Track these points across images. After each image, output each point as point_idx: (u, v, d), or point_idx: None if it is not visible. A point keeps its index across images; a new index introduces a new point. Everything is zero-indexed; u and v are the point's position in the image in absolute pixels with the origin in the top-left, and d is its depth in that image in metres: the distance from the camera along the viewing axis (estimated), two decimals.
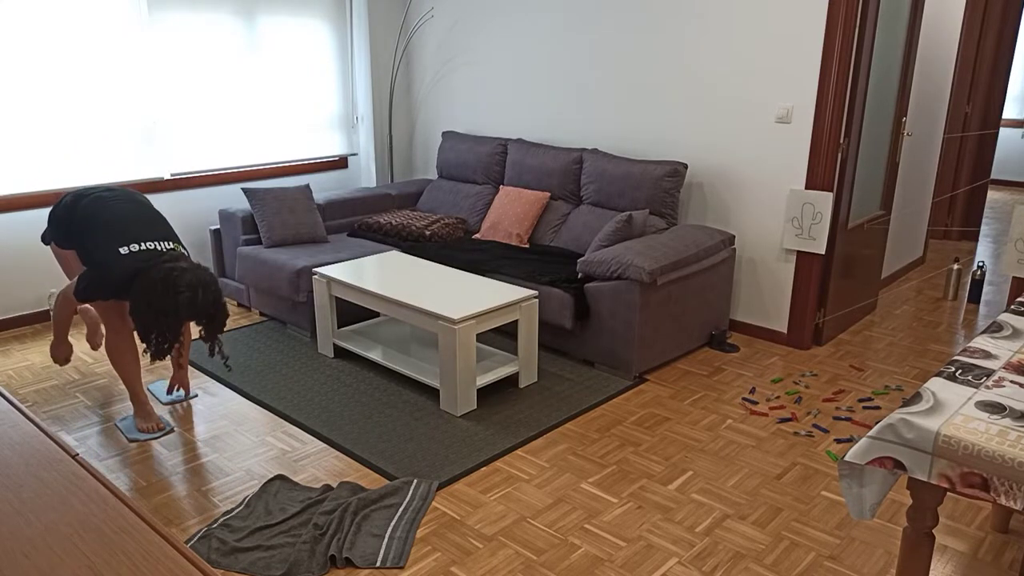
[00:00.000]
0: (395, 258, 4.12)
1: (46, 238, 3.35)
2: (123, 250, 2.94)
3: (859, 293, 4.56)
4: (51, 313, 3.29)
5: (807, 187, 3.97)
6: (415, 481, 2.85)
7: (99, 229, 3.01)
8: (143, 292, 2.85)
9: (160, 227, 3.11)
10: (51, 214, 3.23)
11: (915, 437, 1.72)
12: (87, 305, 3.48)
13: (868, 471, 1.85)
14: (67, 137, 4.33)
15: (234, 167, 5.10)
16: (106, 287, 2.94)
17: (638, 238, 3.96)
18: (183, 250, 3.13)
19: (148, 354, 2.91)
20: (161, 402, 3.50)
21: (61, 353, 3.45)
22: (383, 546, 2.49)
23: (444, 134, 5.39)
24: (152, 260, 2.94)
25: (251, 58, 5.02)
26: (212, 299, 2.91)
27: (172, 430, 3.23)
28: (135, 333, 3.01)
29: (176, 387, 3.48)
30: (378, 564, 2.42)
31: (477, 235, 4.79)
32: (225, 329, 3.09)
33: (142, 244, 2.99)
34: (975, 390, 1.86)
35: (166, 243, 3.06)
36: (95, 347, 3.83)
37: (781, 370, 3.91)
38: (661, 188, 4.21)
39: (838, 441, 3.22)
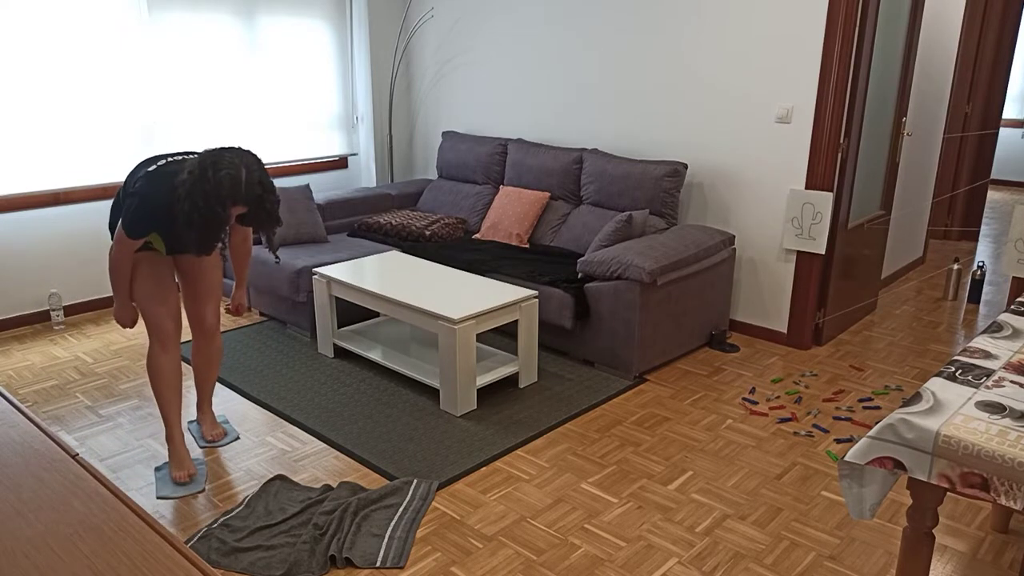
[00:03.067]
0: (395, 258, 4.12)
1: (112, 228, 2.87)
2: (151, 167, 2.65)
3: (859, 293, 4.56)
4: (109, 274, 2.79)
5: (807, 187, 3.97)
6: (415, 481, 2.85)
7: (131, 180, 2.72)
8: (180, 183, 2.49)
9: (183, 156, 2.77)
10: (114, 203, 2.85)
11: (915, 437, 1.72)
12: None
13: (868, 471, 1.85)
14: (67, 137, 4.33)
15: None
16: (150, 209, 2.58)
17: (638, 238, 3.96)
18: None
19: (192, 248, 2.57)
20: (199, 444, 3.15)
21: (128, 315, 2.91)
22: (383, 546, 2.49)
23: (444, 134, 5.39)
24: (185, 161, 2.61)
25: (251, 58, 5.02)
26: (258, 177, 2.53)
27: (204, 489, 2.84)
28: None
29: (210, 437, 3.16)
30: (378, 564, 2.42)
31: (477, 235, 4.79)
32: (278, 221, 2.65)
33: (167, 158, 2.70)
34: (975, 390, 1.86)
35: (192, 154, 2.72)
36: (125, 324, 2.95)
37: (781, 370, 3.91)
38: (661, 188, 4.21)
39: (838, 441, 3.22)
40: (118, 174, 4.57)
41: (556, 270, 4.00)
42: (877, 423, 1.79)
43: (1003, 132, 8.91)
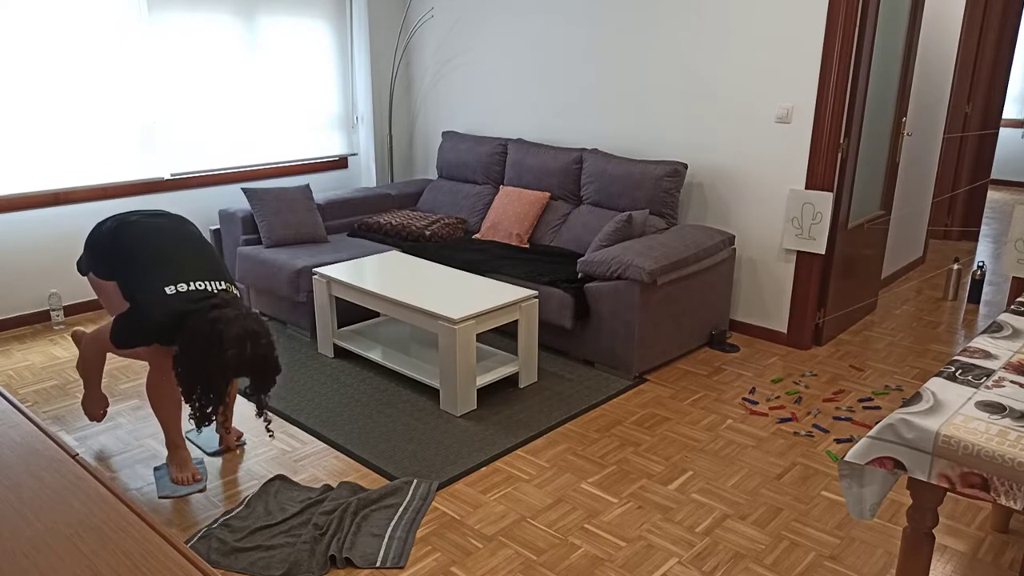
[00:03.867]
0: (395, 258, 4.12)
1: (83, 267, 2.90)
2: (169, 289, 2.58)
3: (859, 293, 4.56)
4: (78, 362, 2.81)
5: (807, 187, 3.97)
6: (415, 481, 2.85)
7: (145, 262, 2.65)
8: (187, 344, 2.52)
9: (211, 263, 2.76)
10: (89, 240, 2.83)
11: (915, 437, 1.72)
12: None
13: (868, 471, 1.85)
14: (67, 137, 4.33)
15: (234, 167, 5.10)
16: (148, 331, 2.60)
17: (638, 238, 3.96)
18: (235, 290, 2.77)
19: (192, 419, 2.58)
20: (207, 453, 3.09)
21: (97, 408, 3.01)
22: (383, 546, 2.49)
23: (444, 134, 5.39)
24: (201, 303, 2.57)
25: (251, 58, 5.02)
26: (262, 352, 2.54)
27: (205, 488, 2.85)
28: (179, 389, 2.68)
29: (224, 446, 3.12)
30: (378, 564, 2.42)
31: (477, 235, 4.78)
32: (274, 384, 2.69)
33: (191, 284, 2.62)
34: (975, 390, 1.86)
35: (217, 283, 2.69)
36: (94, 418, 3.20)
37: (781, 370, 3.91)
38: (661, 188, 4.21)
39: (838, 441, 3.22)
40: (118, 174, 4.57)
41: (556, 270, 4.00)
42: (877, 423, 1.79)
43: (1003, 132, 8.91)
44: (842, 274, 4.23)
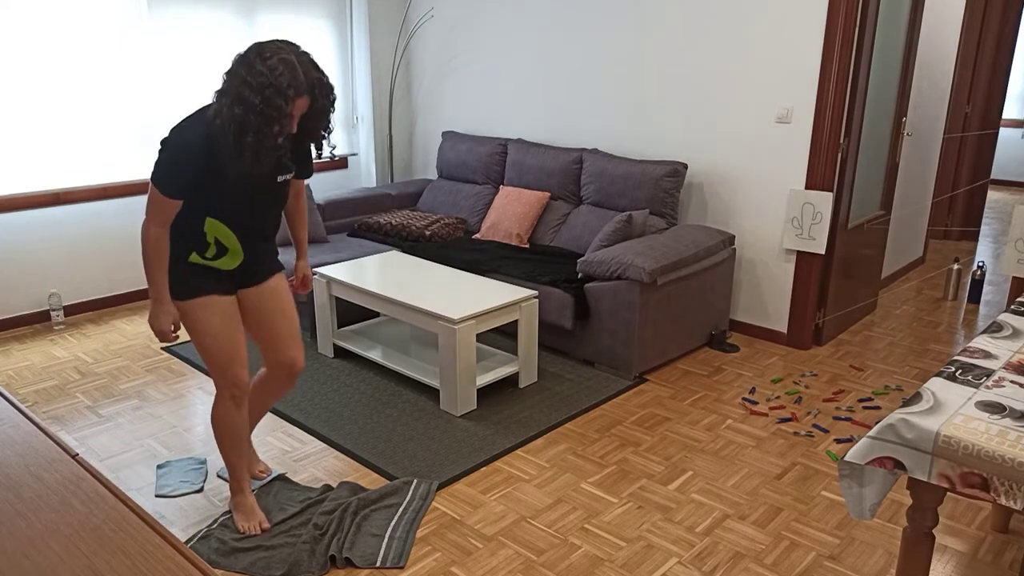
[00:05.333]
0: (395, 258, 4.12)
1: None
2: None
3: (859, 293, 4.56)
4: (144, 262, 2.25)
5: (807, 187, 3.97)
6: (415, 481, 2.85)
7: None
8: (220, 93, 2.08)
9: None
10: None
11: (915, 437, 1.72)
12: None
13: (868, 471, 1.85)
14: (66, 137, 4.33)
15: None
16: (185, 149, 2.13)
17: (638, 238, 3.96)
18: None
19: (245, 159, 2.09)
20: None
21: (166, 320, 2.30)
22: (383, 546, 2.49)
23: (444, 134, 5.39)
24: None
25: None
26: (308, 59, 2.12)
27: (203, 489, 2.81)
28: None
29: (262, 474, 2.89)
30: (378, 564, 2.42)
31: (477, 235, 4.78)
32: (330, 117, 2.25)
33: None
34: (975, 390, 1.86)
35: None
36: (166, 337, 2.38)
37: (781, 370, 3.91)
38: (661, 188, 4.21)
39: (838, 441, 3.22)
40: (118, 174, 4.57)
41: (556, 270, 4.00)
42: (877, 423, 1.79)
43: (1003, 132, 8.90)
44: (842, 274, 4.23)
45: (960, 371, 1.96)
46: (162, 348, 4.10)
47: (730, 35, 4.09)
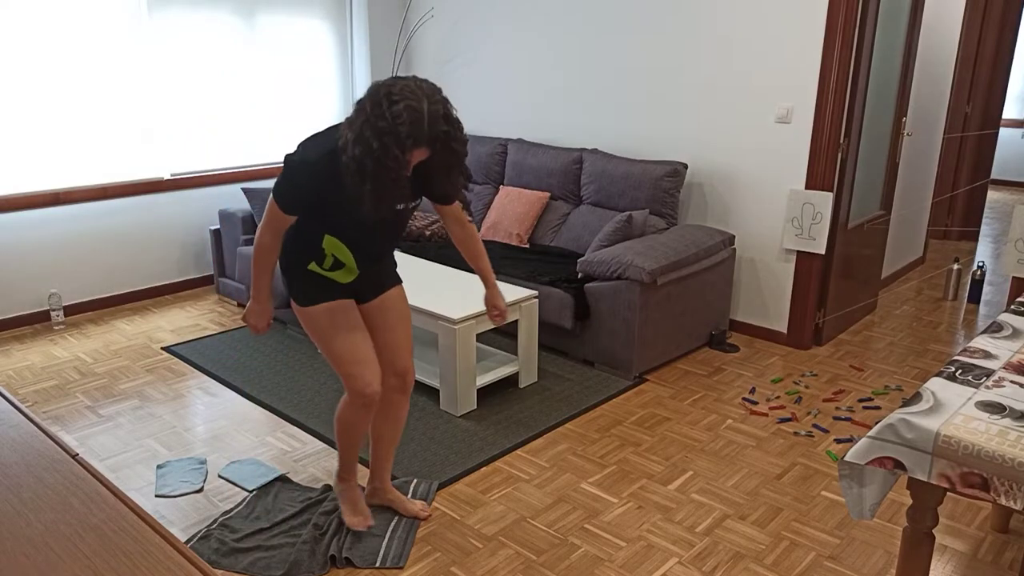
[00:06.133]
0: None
1: None
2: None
3: (859, 293, 4.56)
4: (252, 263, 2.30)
5: (807, 187, 3.97)
6: (415, 481, 2.85)
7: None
8: (347, 124, 2.01)
9: None
10: None
11: (915, 437, 1.72)
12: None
13: (868, 471, 1.85)
14: (67, 137, 4.33)
15: (234, 167, 5.10)
16: (306, 169, 2.10)
17: (638, 238, 3.96)
18: None
19: (367, 204, 2.01)
20: (247, 490, 2.84)
21: (262, 318, 2.38)
22: (383, 546, 2.49)
23: None
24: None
25: (251, 58, 5.02)
26: (442, 111, 2.00)
27: (202, 489, 2.81)
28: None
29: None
30: (378, 564, 2.42)
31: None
32: (468, 172, 2.18)
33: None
34: (975, 390, 1.86)
35: None
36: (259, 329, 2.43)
37: (781, 370, 3.91)
38: (661, 188, 4.21)
39: (838, 441, 3.22)
40: (118, 174, 4.57)
41: (556, 270, 4.00)
42: (877, 423, 1.79)
43: (1003, 132, 8.90)
44: (842, 274, 4.23)
45: (960, 371, 1.96)
46: (162, 348, 4.10)
47: (730, 35, 4.09)
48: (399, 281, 2.52)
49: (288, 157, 2.14)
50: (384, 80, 1.99)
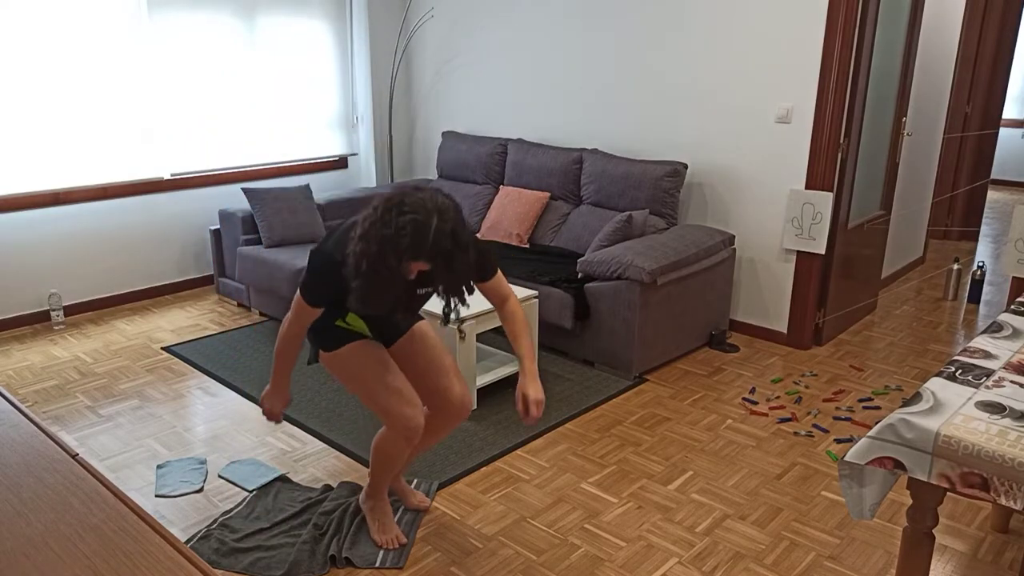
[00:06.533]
0: None
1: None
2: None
3: (859, 293, 4.56)
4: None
5: (807, 187, 3.97)
6: (415, 481, 2.85)
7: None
8: (361, 219, 2.02)
9: None
10: None
11: (915, 437, 1.72)
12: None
13: (868, 471, 1.85)
14: (67, 137, 4.33)
15: (234, 167, 5.10)
16: (330, 264, 2.12)
17: (638, 238, 3.96)
18: None
19: (353, 300, 2.06)
20: (247, 490, 2.86)
21: (279, 404, 2.41)
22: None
23: (444, 134, 5.39)
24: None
25: (251, 58, 5.02)
26: (450, 228, 1.96)
27: (202, 489, 2.81)
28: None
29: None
30: (377, 564, 2.42)
31: (477, 235, 4.78)
32: (469, 282, 2.15)
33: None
34: (975, 390, 1.86)
35: None
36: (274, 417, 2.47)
37: (781, 370, 3.91)
38: (661, 188, 4.21)
39: (838, 441, 3.22)
40: (118, 174, 4.57)
41: (556, 270, 4.00)
42: (877, 423, 1.79)
43: (1003, 132, 8.90)
44: (842, 274, 4.23)
45: (960, 371, 1.96)
46: (162, 348, 4.10)
47: (730, 35, 4.09)
48: (421, 318, 2.55)
49: (313, 252, 2.20)
50: (407, 186, 2.02)
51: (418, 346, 2.48)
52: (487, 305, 3.37)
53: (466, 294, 2.14)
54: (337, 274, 2.10)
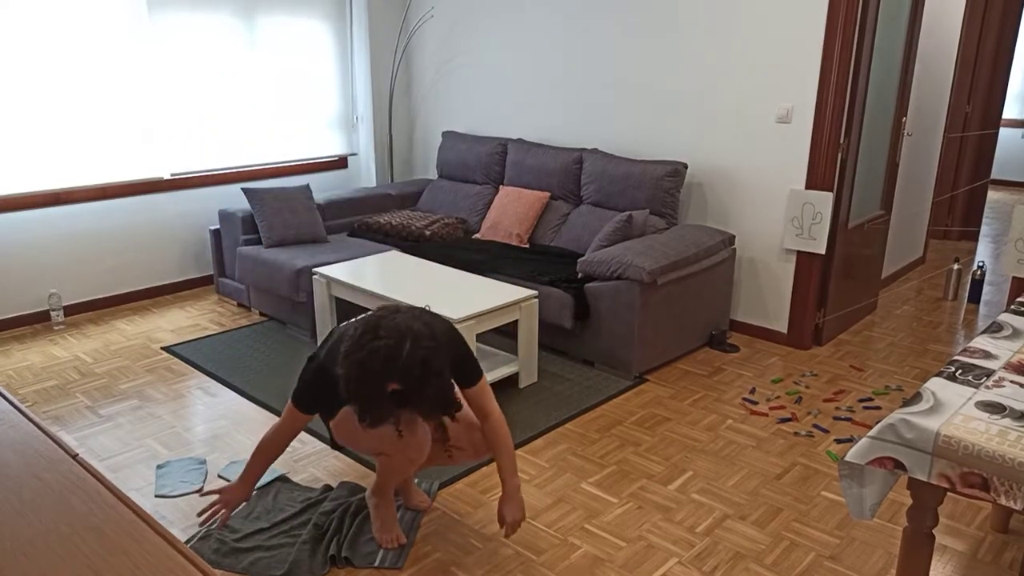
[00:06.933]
0: (395, 258, 4.12)
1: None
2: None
3: (859, 293, 4.56)
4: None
5: (807, 187, 3.97)
6: (416, 481, 2.85)
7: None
8: (346, 338, 2.10)
9: None
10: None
11: (915, 437, 1.72)
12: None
13: (868, 471, 1.85)
14: (67, 137, 4.33)
15: (234, 167, 5.10)
16: (323, 375, 2.22)
17: (638, 238, 3.96)
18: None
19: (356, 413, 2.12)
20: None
21: (235, 499, 2.36)
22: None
23: (444, 134, 5.39)
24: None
25: (251, 58, 5.02)
26: (422, 356, 2.01)
27: (203, 489, 2.81)
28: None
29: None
30: (377, 564, 2.42)
31: (477, 235, 4.78)
32: (444, 411, 2.20)
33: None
34: (975, 390, 1.86)
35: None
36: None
37: (781, 370, 3.91)
38: (661, 188, 4.21)
39: (838, 441, 3.22)
40: (118, 174, 4.57)
41: (556, 270, 4.00)
42: (877, 423, 1.79)
43: (1003, 132, 8.90)
44: (842, 274, 4.23)
45: (960, 371, 1.96)
46: (162, 348, 4.10)
47: (730, 35, 4.09)
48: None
49: (308, 361, 2.28)
50: (388, 309, 2.10)
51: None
52: (487, 305, 3.37)
53: (451, 410, 2.19)
54: (328, 384, 2.17)
